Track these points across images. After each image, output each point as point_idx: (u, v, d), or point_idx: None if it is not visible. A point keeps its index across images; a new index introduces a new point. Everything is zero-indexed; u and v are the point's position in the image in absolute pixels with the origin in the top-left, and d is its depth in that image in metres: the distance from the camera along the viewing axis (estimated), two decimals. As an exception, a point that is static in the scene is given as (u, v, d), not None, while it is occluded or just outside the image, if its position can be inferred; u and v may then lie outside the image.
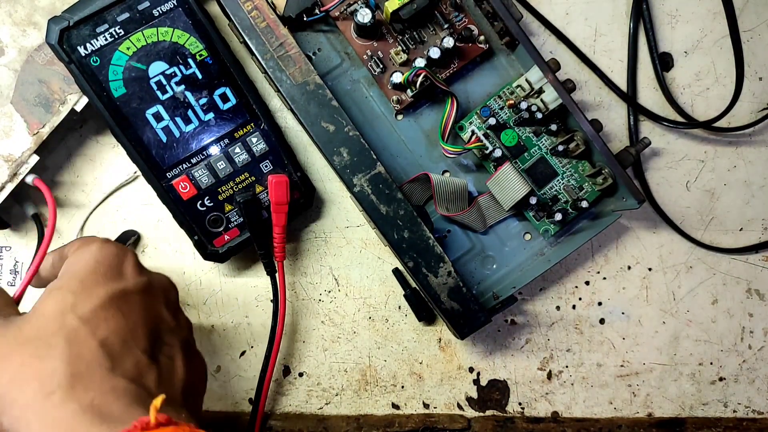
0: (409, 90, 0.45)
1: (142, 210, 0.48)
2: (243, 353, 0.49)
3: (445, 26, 0.45)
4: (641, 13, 0.50)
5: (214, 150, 0.44)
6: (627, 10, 0.51)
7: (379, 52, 0.45)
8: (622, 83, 0.51)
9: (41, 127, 0.42)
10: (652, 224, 0.51)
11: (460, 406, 0.50)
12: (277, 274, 0.46)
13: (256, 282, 0.49)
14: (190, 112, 0.43)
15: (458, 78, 0.47)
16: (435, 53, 0.44)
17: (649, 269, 0.51)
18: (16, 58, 0.42)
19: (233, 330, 0.49)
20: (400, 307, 0.50)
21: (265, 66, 0.41)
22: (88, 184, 0.48)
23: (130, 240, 0.47)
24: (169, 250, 0.49)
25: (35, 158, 0.43)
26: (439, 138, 0.45)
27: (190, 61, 0.43)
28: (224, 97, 0.44)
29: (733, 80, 0.47)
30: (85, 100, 0.43)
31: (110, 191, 0.48)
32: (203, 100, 0.43)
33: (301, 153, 0.48)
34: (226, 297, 0.49)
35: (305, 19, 0.43)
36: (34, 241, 0.48)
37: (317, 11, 0.43)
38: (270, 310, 0.49)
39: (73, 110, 0.43)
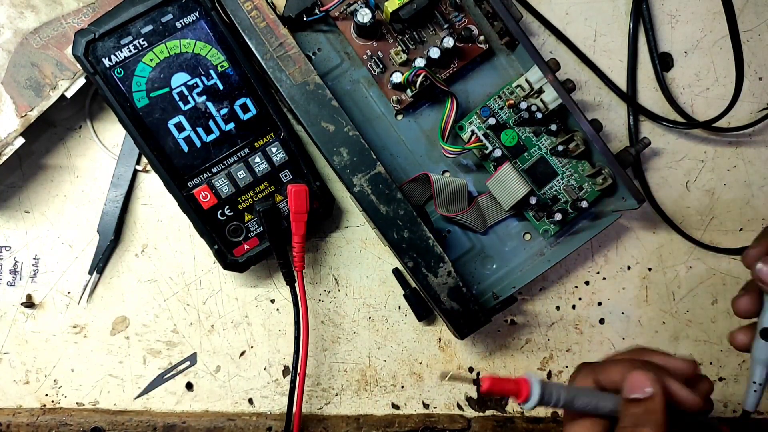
0: (409, 90, 0.45)
1: (142, 210, 0.48)
2: (243, 353, 0.49)
3: (445, 26, 0.45)
4: (641, 13, 0.50)
5: (235, 160, 0.44)
6: (627, 10, 0.51)
7: (379, 52, 0.45)
8: (622, 83, 0.51)
9: (30, 110, 0.43)
10: (652, 224, 0.51)
11: (460, 406, 0.50)
12: (296, 284, 0.46)
13: (256, 282, 0.49)
14: (211, 123, 0.44)
15: (458, 78, 0.47)
16: (435, 53, 0.44)
17: (649, 269, 0.51)
18: (11, 39, 0.42)
19: (233, 330, 0.49)
20: (400, 307, 0.50)
21: (265, 66, 0.41)
22: (81, 177, 0.48)
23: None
24: (169, 250, 0.49)
25: (21, 140, 0.43)
26: (438, 138, 0.45)
27: (212, 72, 0.43)
28: (244, 108, 0.44)
29: (733, 80, 0.47)
30: (76, 86, 0.43)
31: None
32: (224, 111, 0.44)
33: (320, 162, 0.48)
34: (226, 297, 0.49)
35: (305, 19, 0.43)
36: (35, 240, 0.48)
37: (317, 11, 0.43)
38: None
39: (63, 96, 0.43)
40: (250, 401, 0.49)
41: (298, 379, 0.45)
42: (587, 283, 0.51)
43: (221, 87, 0.44)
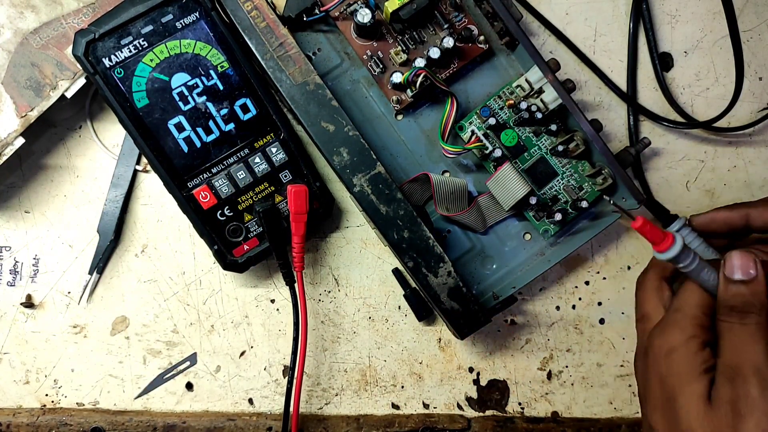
0: (409, 90, 0.45)
1: (142, 210, 0.48)
2: (243, 353, 0.49)
3: (445, 26, 0.45)
4: (641, 13, 0.50)
5: (234, 160, 0.44)
6: (627, 10, 0.51)
7: (379, 52, 0.45)
8: (622, 83, 0.51)
9: (30, 110, 0.43)
10: (652, 224, 0.51)
11: (460, 406, 0.50)
12: (296, 285, 0.46)
13: (256, 282, 0.49)
14: (211, 123, 0.44)
15: (458, 78, 0.47)
16: (435, 53, 0.44)
17: (649, 269, 0.51)
18: (11, 39, 0.43)
19: (233, 330, 0.49)
20: (400, 307, 0.50)
21: (265, 66, 0.41)
22: (81, 177, 0.48)
23: None
24: (169, 250, 0.49)
25: (21, 140, 0.43)
26: (439, 138, 0.45)
27: (212, 72, 0.43)
28: (244, 108, 0.44)
29: (733, 80, 0.47)
30: (76, 86, 0.43)
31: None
32: (224, 111, 0.44)
33: (320, 162, 0.48)
34: (226, 297, 0.49)
35: (305, 19, 0.43)
36: (35, 240, 0.48)
37: (317, 11, 0.43)
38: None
39: (63, 96, 0.43)
40: (250, 401, 0.49)
41: (295, 380, 0.45)
42: (587, 283, 0.51)
43: (221, 87, 0.44)
